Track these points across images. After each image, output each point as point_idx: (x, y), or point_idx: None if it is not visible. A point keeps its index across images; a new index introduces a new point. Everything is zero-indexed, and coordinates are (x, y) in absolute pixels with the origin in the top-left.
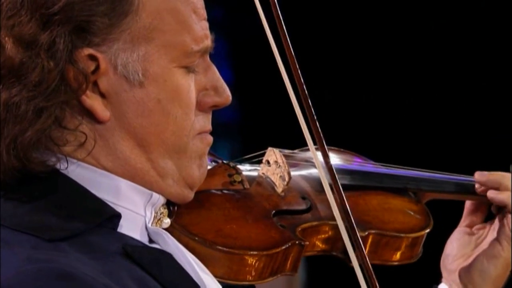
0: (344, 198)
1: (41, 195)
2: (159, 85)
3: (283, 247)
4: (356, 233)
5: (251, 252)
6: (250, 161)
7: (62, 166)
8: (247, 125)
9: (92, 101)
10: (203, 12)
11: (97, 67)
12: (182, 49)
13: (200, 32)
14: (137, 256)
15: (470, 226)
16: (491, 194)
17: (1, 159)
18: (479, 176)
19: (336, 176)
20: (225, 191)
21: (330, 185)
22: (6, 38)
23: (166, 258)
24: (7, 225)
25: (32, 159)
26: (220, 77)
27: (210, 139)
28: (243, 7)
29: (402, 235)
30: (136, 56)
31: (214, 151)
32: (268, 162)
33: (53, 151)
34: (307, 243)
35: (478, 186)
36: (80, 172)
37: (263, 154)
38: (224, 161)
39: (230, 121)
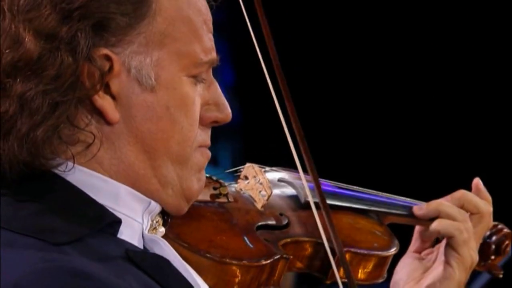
0: (331, 217)
1: (42, 199)
2: (169, 92)
3: (272, 259)
4: (341, 249)
5: (243, 263)
6: (227, 176)
7: (65, 169)
8: (248, 127)
9: (103, 101)
10: (211, 25)
11: (111, 68)
12: (192, 59)
13: (209, 43)
14: (140, 261)
15: (419, 251)
16: (434, 227)
17: (12, 152)
18: (417, 210)
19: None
20: (210, 204)
21: (316, 203)
22: (26, 31)
23: (167, 264)
24: (8, 228)
25: (43, 155)
26: (222, 94)
27: (209, 154)
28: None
29: (374, 254)
30: (149, 60)
31: (215, 152)
32: (246, 177)
33: (58, 152)
34: (291, 257)
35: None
36: (80, 177)
37: (240, 170)
38: (206, 175)
39: (231, 123)
